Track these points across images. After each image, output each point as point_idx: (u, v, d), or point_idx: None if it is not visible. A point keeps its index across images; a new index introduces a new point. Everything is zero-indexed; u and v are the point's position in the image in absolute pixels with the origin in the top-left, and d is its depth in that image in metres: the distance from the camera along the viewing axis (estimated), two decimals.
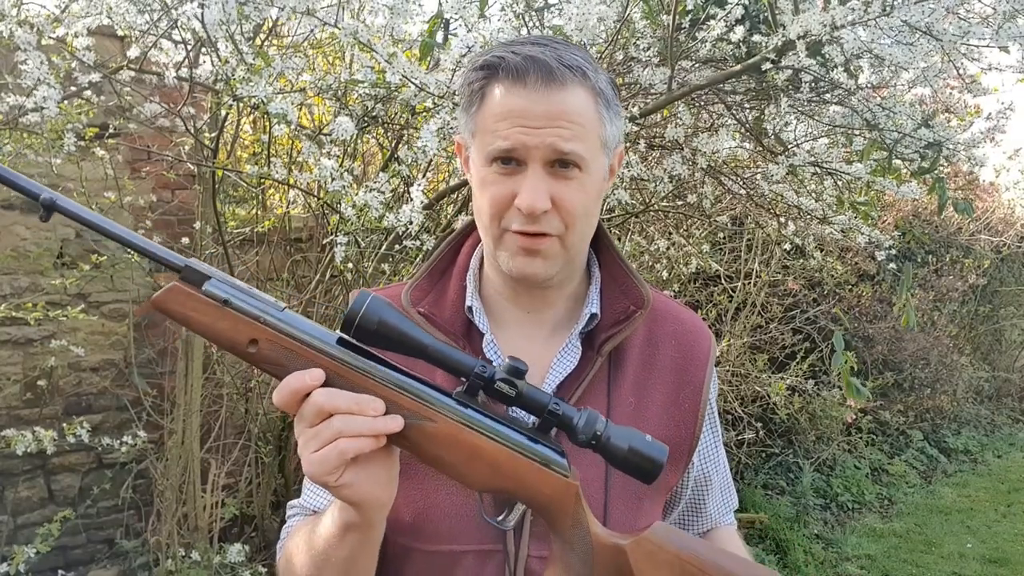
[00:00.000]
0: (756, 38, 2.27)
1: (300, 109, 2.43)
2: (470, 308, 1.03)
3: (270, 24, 2.72)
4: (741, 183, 3.14)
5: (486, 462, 0.82)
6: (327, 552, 0.88)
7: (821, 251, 4.31)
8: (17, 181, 0.77)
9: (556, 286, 1.04)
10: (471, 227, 1.08)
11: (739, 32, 2.31)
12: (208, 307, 0.78)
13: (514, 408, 0.87)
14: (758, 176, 3.09)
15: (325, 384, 0.78)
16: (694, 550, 0.86)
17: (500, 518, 0.89)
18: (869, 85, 2.58)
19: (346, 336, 0.80)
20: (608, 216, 3.32)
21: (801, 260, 4.72)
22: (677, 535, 0.89)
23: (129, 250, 0.83)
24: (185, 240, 3.21)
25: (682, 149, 2.74)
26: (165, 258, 0.79)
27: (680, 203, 3.41)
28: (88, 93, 2.52)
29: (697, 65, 2.57)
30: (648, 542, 0.85)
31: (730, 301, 4.75)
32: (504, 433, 0.83)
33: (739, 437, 4.74)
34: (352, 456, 0.76)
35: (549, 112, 0.91)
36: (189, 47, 2.43)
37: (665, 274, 3.80)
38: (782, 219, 3.44)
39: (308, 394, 0.77)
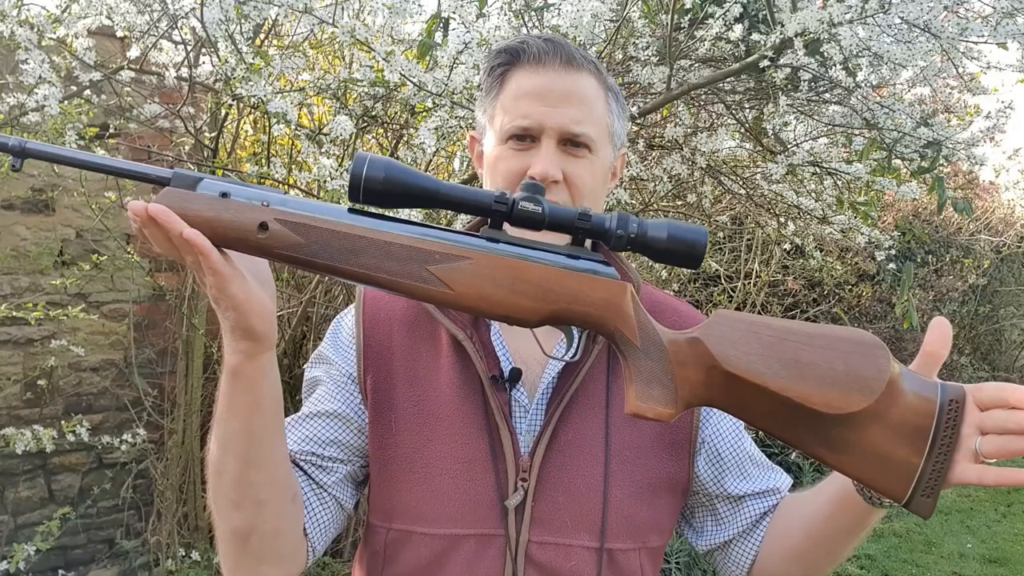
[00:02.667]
0: (755, 37, 2.28)
1: (300, 109, 2.43)
2: None
3: (270, 24, 2.73)
4: (741, 183, 3.14)
5: (533, 286, 0.78)
6: (225, 425, 0.87)
7: (821, 251, 4.31)
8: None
9: None
10: (476, 226, 1.09)
11: (738, 31, 2.32)
12: (207, 201, 0.74)
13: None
14: (758, 176, 3.10)
15: (353, 255, 0.75)
16: (765, 322, 0.81)
17: (563, 354, 0.87)
18: (868, 85, 2.58)
19: (356, 206, 0.78)
20: None
21: (801, 260, 4.72)
22: (741, 315, 0.83)
23: (106, 174, 0.78)
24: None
25: (681, 149, 2.74)
26: (148, 173, 0.76)
27: (680, 203, 3.41)
28: (88, 93, 2.52)
29: (696, 64, 2.57)
30: (717, 325, 0.80)
31: (730, 301, 4.75)
32: (542, 256, 0.80)
33: None
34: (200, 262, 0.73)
35: (566, 91, 0.97)
36: (189, 47, 2.44)
37: (665, 274, 3.80)
38: (782, 219, 3.44)
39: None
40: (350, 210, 0.78)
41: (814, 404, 0.77)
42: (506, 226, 0.81)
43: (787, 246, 4.07)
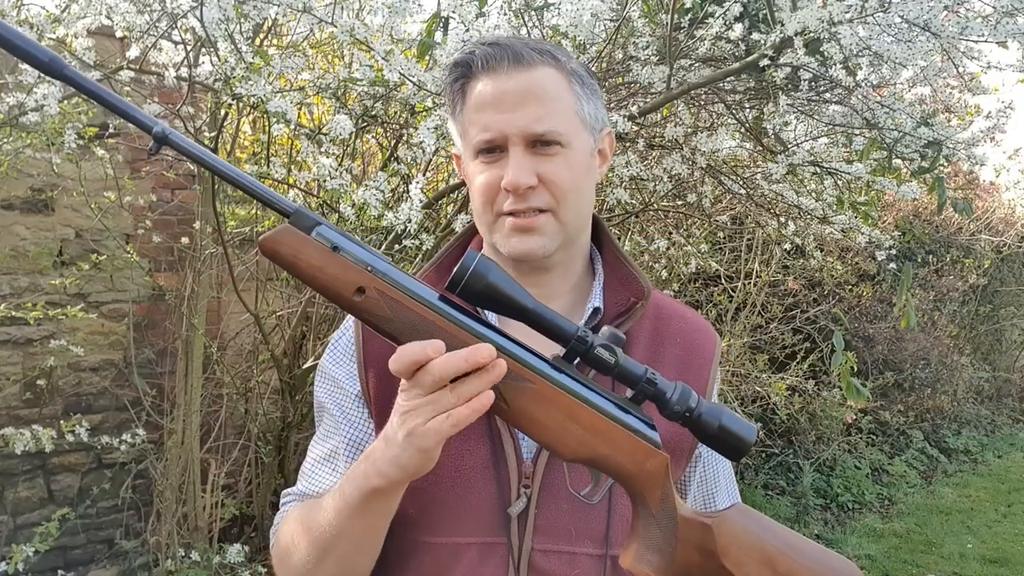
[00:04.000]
0: (755, 36, 2.27)
1: (299, 108, 2.43)
2: None
3: (269, 24, 2.72)
4: (741, 183, 3.14)
5: (581, 427, 0.80)
6: (340, 528, 0.88)
7: (821, 251, 4.31)
8: (131, 112, 0.76)
9: (557, 272, 1.04)
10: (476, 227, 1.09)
11: (738, 30, 2.31)
12: (318, 251, 0.76)
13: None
14: (758, 176, 3.09)
15: (425, 337, 0.76)
16: (776, 533, 0.86)
17: (585, 492, 0.88)
18: (868, 84, 2.58)
19: (448, 293, 0.79)
20: (608, 216, 3.32)
21: (801, 260, 4.72)
22: (759, 517, 0.88)
23: (238, 188, 0.79)
24: (185, 240, 3.21)
25: (681, 148, 2.74)
26: (277, 202, 0.78)
27: (680, 203, 3.41)
28: None
29: (696, 64, 2.57)
30: (733, 522, 0.85)
31: (730, 301, 4.75)
32: (598, 401, 0.82)
33: None
34: (464, 424, 0.76)
35: (520, 92, 0.94)
36: (188, 47, 2.43)
37: (665, 274, 3.80)
38: (782, 219, 3.44)
39: (425, 363, 0.75)
40: (441, 297, 0.80)
41: None
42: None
43: (787, 246, 4.07)
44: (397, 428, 0.79)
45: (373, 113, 2.50)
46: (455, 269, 0.78)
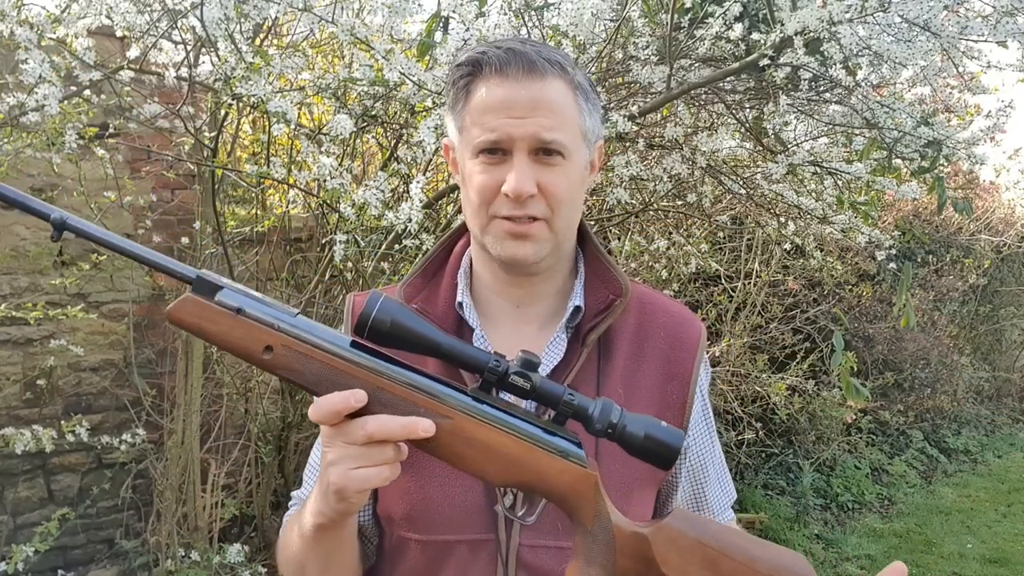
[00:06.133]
0: (755, 36, 2.27)
1: (299, 108, 2.43)
2: (460, 304, 1.05)
3: (269, 23, 2.72)
4: (741, 182, 3.14)
5: (504, 456, 0.82)
6: (305, 552, 0.94)
7: (821, 251, 4.31)
8: (27, 203, 0.78)
9: (543, 276, 1.05)
10: (463, 228, 1.10)
11: (738, 30, 2.31)
12: (221, 316, 0.78)
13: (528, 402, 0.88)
14: (758, 175, 3.09)
15: (340, 386, 0.78)
16: (715, 534, 0.86)
17: (521, 512, 0.89)
18: (868, 84, 2.58)
19: (359, 339, 0.81)
20: (608, 215, 3.33)
21: (801, 260, 4.72)
22: (698, 520, 0.89)
23: (137, 262, 0.82)
24: (185, 240, 3.21)
25: (681, 148, 2.74)
26: (176, 271, 0.80)
27: (680, 202, 3.41)
28: (88, 93, 2.52)
29: (696, 64, 2.57)
30: (670, 528, 0.85)
31: (730, 301, 4.75)
32: (520, 427, 0.83)
33: (739, 437, 4.74)
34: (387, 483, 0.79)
35: (532, 101, 0.95)
36: (189, 47, 2.43)
37: (665, 274, 3.80)
38: (782, 219, 3.44)
39: (349, 413, 0.77)
40: (353, 343, 0.81)
41: None
42: None
43: (787, 246, 4.07)
44: (321, 475, 0.82)
45: (373, 113, 2.50)
46: (360, 313, 0.79)
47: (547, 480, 0.83)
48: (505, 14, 2.19)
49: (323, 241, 3.15)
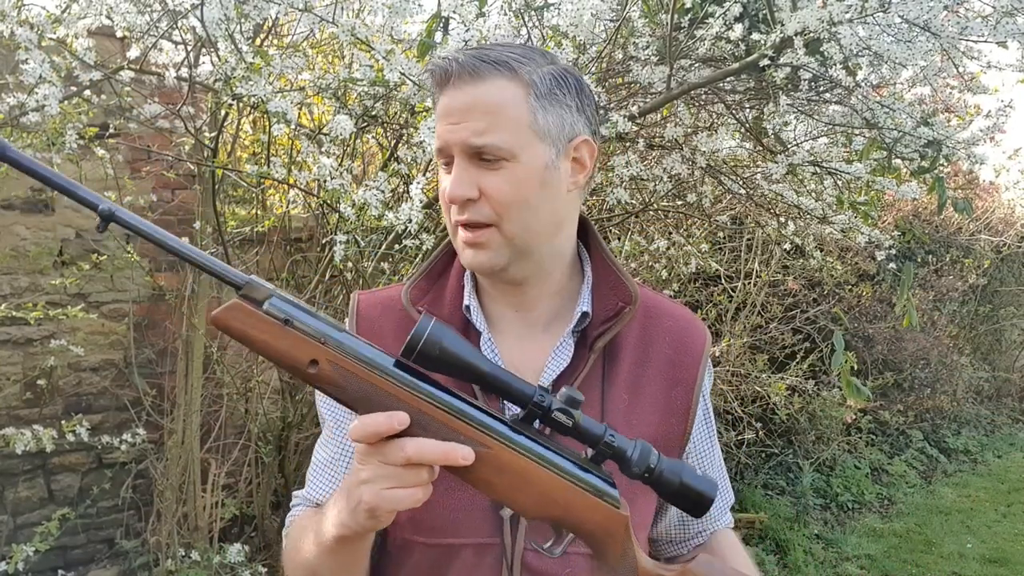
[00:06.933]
0: (755, 36, 2.27)
1: (300, 108, 2.43)
2: (467, 307, 1.04)
3: (270, 24, 2.72)
4: (741, 183, 3.14)
5: (537, 489, 0.81)
6: (320, 559, 0.93)
7: (821, 251, 4.31)
8: (76, 191, 0.76)
9: (532, 283, 1.04)
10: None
11: (738, 30, 2.31)
12: (269, 325, 0.77)
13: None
14: (758, 176, 3.09)
15: (382, 406, 0.78)
16: None
17: (548, 545, 0.89)
18: (868, 84, 2.58)
19: (404, 360, 0.80)
20: (608, 216, 3.33)
21: (801, 260, 4.72)
22: (720, 567, 0.90)
23: (187, 263, 0.81)
24: (185, 240, 3.20)
25: (681, 148, 2.74)
26: (226, 275, 0.79)
27: (680, 202, 3.41)
28: (88, 93, 2.52)
29: (696, 64, 2.57)
30: (693, 574, 0.86)
31: (730, 301, 4.75)
32: (556, 462, 0.83)
33: (739, 437, 4.74)
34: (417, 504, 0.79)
35: (464, 105, 0.94)
36: (189, 47, 2.43)
37: (665, 274, 3.80)
38: (782, 219, 3.44)
39: (389, 435, 0.77)
40: (397, 362, 0.80)
41: None
42: None
43: (787, 246, 4.07)
44: (352, 490, 0.81)
45: (373, 113, 2.50)
46: (410, 335, 0.78)
47: (578, 516, 0.83)
48: (505, 14, 2.19)
49: (323, 241, 3.15)
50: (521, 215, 0.96)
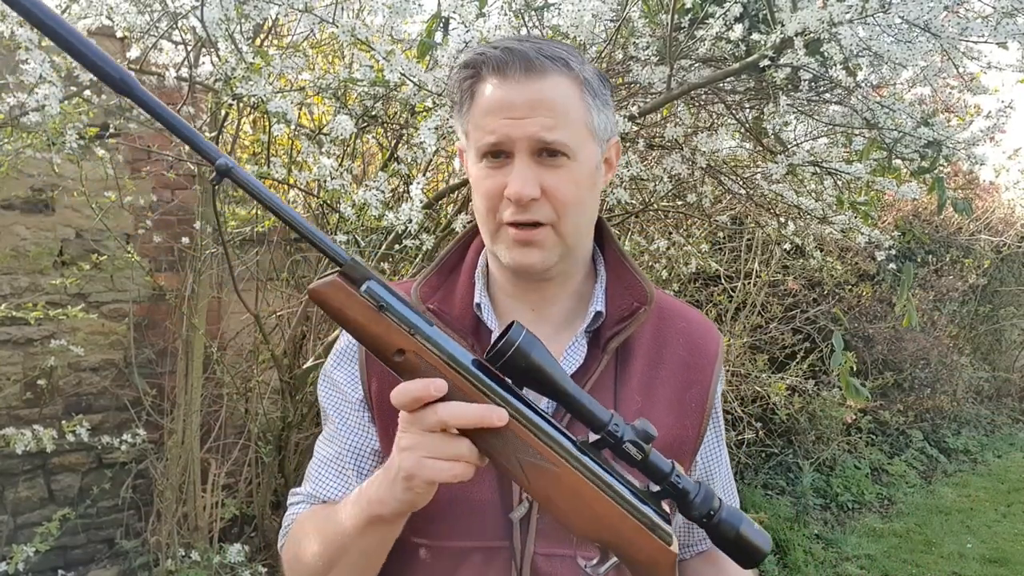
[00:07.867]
0: (755, 36, 2.27)
1: (300, 109, 2.43)
2: (478, 305, 1.03)
3: (270, 24, 2.72)
4: (741, 183, 3.14)
5: (592, 513, 0.82)
6: (345, 543, 0.90)
7: (821, 251, 4.31)
8: (195, 140, 0.74)
9: (557, 280, 1.03)
10: (477, 227, 1.08)
11: (738, 30, 2.31)
12: (365, 308, 0.77)
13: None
14: (758, 176, 3.09)
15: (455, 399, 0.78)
16: None
17: (594, 563, 0.89)
18: (868, 84, 2.58)
19: (482, 360, 0.80)
20: (608, 216, 3.32)
21: (801, 260, 4.72)
22: None
23: (301, 240, 0.81)
24: (185, 240, 3.21)
25: (681, 148, 2.74)
26: (330, 249, 0.78)
27: (680, 203, 3.41)
28: (88, 93, 2.52)
29: (696, 64, 2.57)
30: None
31: (730, 301, 4.75)
32: (617, 489, 0.83)
33: (739, 437, 4.74)
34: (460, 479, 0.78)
35: (531, 101, 0.92)
36: (189, 47, 2.44)
37: (665, 274, 3.80)
38: (782, 219, 3.44)
39: (427, 400, 0.77)
40: (475, 362, 0.80)
41: None
42: None
43: (787, 246, 4.07)
44: (395, 462, 0.80)
45: (373, 113, 2.50)
46: (500, 342, 0.77)
47: (629, 545, 0.83)
48: (505, 15, 2.19)
49: None
50: (575, 215, 0.96)
